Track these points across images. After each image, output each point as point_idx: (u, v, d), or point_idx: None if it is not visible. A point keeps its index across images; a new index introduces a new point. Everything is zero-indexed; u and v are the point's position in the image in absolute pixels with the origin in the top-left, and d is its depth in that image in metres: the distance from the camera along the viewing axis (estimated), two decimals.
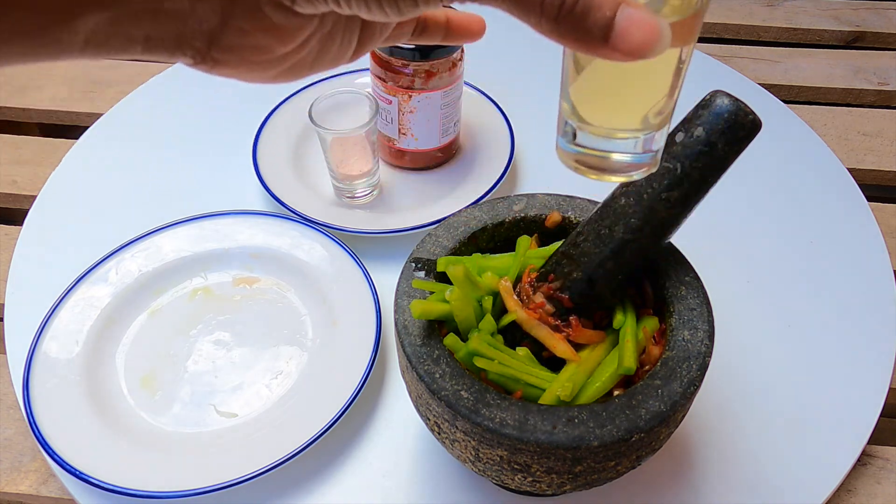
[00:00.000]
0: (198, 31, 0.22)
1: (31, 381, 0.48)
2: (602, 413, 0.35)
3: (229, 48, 0.23)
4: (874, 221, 0.64)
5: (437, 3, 0.22)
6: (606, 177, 0.29)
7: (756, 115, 0.35)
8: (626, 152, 0.28)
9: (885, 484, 0.49)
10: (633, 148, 0.28)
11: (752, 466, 0.48)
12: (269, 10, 0.22)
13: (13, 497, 0.49)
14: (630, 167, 0.28)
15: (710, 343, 0.38)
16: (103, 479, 0.43)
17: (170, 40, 0.22)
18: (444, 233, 0.44)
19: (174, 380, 0.51)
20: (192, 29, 0.22)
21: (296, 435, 0.46)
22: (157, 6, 0.21)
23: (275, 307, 0.56)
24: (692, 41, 0.25)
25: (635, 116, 0.27)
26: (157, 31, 0.22)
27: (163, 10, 0.22)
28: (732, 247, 0.62)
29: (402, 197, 0.65)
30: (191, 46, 0.23)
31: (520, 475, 0.36)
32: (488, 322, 0.39)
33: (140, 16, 0.21)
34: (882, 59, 0.88)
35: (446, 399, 0.35)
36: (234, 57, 0.24)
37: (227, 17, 0.22)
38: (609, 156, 0.28)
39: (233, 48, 0.23)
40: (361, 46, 0.27)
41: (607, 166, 0.28)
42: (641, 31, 0.21)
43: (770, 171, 0.69)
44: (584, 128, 0.28)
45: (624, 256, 0.38)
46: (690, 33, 0.25)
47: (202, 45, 0.23)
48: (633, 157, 0.28)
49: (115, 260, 0.56)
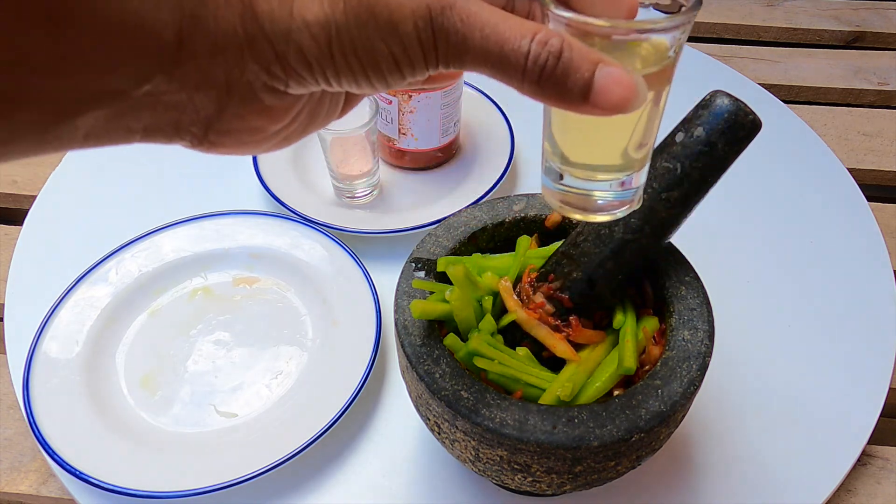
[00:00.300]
0: (195, 119, 0.23)
1: (31, 381, 0.48)
2: (602, 413, 0.35)
3: (225, 132, 0.24)
4: (874, 221, 0.64)
5: (423, 72, 0.23)
6: (590, 216, 0.30)
7: (756, 115, 0.35)
8: (608, 192, 0.29)
9: (885, 484, 0.49)
10: (615, 188, 0.29)
11: (751, 466, 0.48)
12: (264, 94, 0.23)
13: (13, 497, 0.49)
14: (613, 206, 0.29)
15: (710, 343, 0.38)
16: (103, 479, 0.43)
17: (168, 129, 0.23)
18: (444, 233, 0.44)
19: (174, 380, 0.51)
20: (189, 117, 0.23)
21: (296, 435, 0.46)
22: (156, 99, 0.22)
23: (275, 307, 0.56)
24: (667, 87, 0.26)
25: (615, 159, 0.28)
26: (155, 122, 0.23)
27: (161, 102, 0.22)
28: (732, 247, 0.62)
29: (402, 197, 0.65)
30: (188, 132, 0.24)
31: (520, 475, 0.36)
32: (488, 322, 0.39)
33: (139, 109, 0.22)
34: (882, 59, 0.88)
35: (446, 399, 0.35)
36: (229, 139, 0.25)
37: (224, 104, 0.23)
38: (592, 195, 0.29)
39: (229, 132, 0.24)
40: (348, 106, 0.29)
41: (590, 206, 0.29)
42: (619, 89, 0.22)
43: (770, 171, 0.69)
44: (567, 169, 0.29)
45: (624, 256, 0.38)
46: (665, 82, 0.26)
47: (199, 130, 0.24)
48: (615, 196, 0.29)
49: (115, 260, 0.56)
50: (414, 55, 0.23)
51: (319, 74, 0.23)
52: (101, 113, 0.21)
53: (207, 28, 0.22)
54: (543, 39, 0.22)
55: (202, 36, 0.22)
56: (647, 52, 0.25)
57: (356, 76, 0.23)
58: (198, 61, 0.22)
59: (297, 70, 0.23)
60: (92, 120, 0.22)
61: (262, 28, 0.22)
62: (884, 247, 0.62)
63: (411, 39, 0.22)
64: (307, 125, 0.27)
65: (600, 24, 0.23)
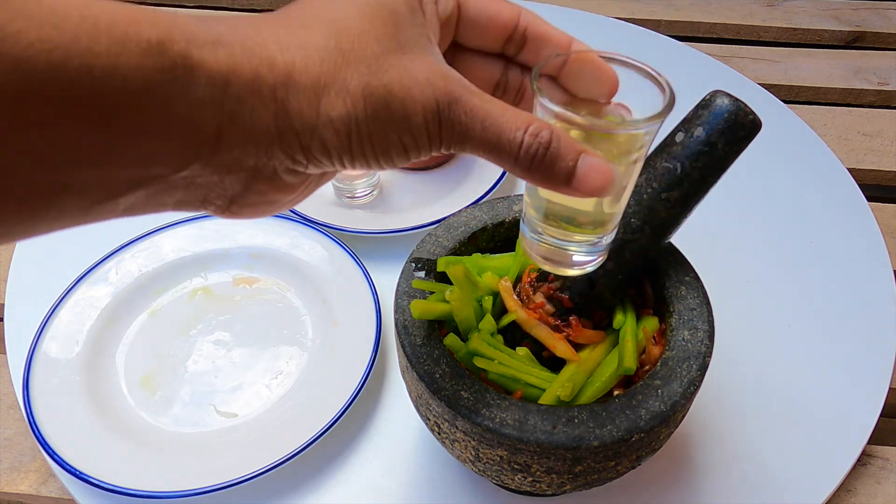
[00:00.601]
0: (221, 195, 0.26)
1: (31, 381, 0.48)
2: (602, 413, 0.35)
3: (247, 205, 0.27)
4: (874, 221, 0.64)
5: (427, 155, 0.26)
6: (564, 270, 0.33)
7: (756, 115, 0.35)
8: (582, 250, 0.33)
9: (885, 484, 0.49)
10: (589, 247, 0.33)
11: (752, 466, 0.48)
12: (285, 175, 0.26)
13: (13, 497, 0.49)
14: (586, 262, 0.33)
15: (710, 343, 0.38)
16: (103, 479, 0.43)
17: (196, 202, 0.26)
18: (444, 233, 0.44)
19: (174, 380, 0.51)
20: (216, 194, 0.26)
21: (296, 435, 0.46)
22: (190, 181, 0.24)
23: (275, 307, 0.56)
24: (640, 163, 0.30)
25: (591, 224, 0.32)
26: (186, 197, 0.25)
27: (195, 183, 0.25)
28: (732, 247, 0.62)
29: (402, 197, 0.65)
30: (213, 204, 0.26)
31: (520, 475, 0.36)
32: (488, 322, 0.39)
33: (174, 188, 0.24)
34: (882, 59, 0.88)
35: (446, 399, 0.35)
36: (249, 210, 0.27)
37: (249, 184, 0.26)
38: (567, 251, 0.33)
39: (250, 204, 0.27)
40: None
41: (565, 261, 0.33)
42: (598, 176, 0.26)
43: (770, 171, 0.69)
44: (547, 228, 0.32)
45: (624, 256, 0.38)
46: (639, 161, 0.29)
47: (224, 203, 0.26)
48: (588, 252, 0.33)
49: (115, 260, 0.56)
50: (422, 143, 0.26)
51: (337, 160, 0.26)
52: (141, 193, 0.24)
53: (244, 124, 0.24)
54: (535, 132, 0.25)
55: (238, 131, 0.24)
56: (625, 139, 0.28)
57: (368, 160, 0.26)
58: (232, 152, 0.24)
59: (317, 158, 0.26)
60: (133, 199, 0.24)
61: (291, 124, 0.24)
62: (884, 247, 0.62)
63: (420, 130, 0.25)
64: (314, 189, 0.30)
65: (582, 121, 0.27)
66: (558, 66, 0.30)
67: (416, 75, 0.25)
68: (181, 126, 0.23)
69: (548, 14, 0.90)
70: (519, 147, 0.25)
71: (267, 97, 0.24)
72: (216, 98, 0.23)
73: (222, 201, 0.26)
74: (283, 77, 0.24)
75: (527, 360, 0.38)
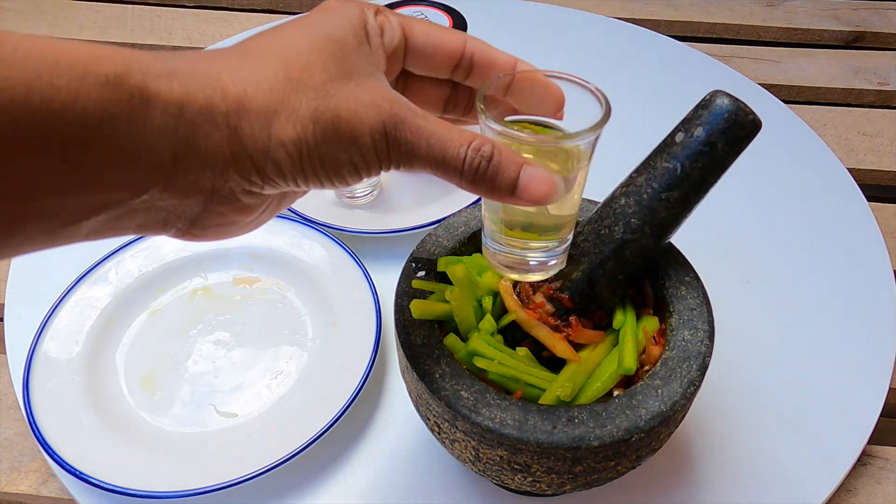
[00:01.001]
0: (182, 217, 0.27)
1: (31, 381, 0.48)
2: (602, 413, 0.35)
3: (207, 227, 0.28)
4: (874, 221, 0.64)
5: (377, 173, 0.28)
6: (528, 276, 0.36)
7: (756, 115, 0.35)
8: (542, 256, 0.35)
9: (885, 484, 0.49)
10: (547, 252, 0.35)
11: (751, 466, 0.48)
12: (242, 196, 0.28)
13: (13, 497, 0.49)
14: (544, 267, 0.35)
15: (710, 343, 0.38)
16: (103, 479, 0.43)
17: (158, 226, 0.27)
18: (444, 233, 0.44)
19: (174, 380, 0.51)
20: (176, 216, 0.27)
21: (296, 435, 0.46)
22: (150, 205, 0.26)
23: (275, 307, 0.56)
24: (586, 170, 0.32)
25: (546, 231, 0.34)
26: (147, 221, 0.27)
27: (155, 207, 0.26)
28: (732, 247, 0.62)
29: (402, 197, 0.65)
30: (174, 227, 0.28)
31: (520, 475, 0.36)
32: (488, 322, 0.39)
33: (136, 212, 0.26)
34: (882, 59, 0.88)
35: (446, 399, 0.35)
36: (210, 232, 0.29)
37: (208, 206, 0.27)
38: (525, 258, 0.35)
39: (210, 226, 0.28)
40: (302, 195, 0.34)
41: (525, 267, 0.35)
42: (541, 185, 0.28)
43: (770, 171, 0.69)
44: (505, 239, 0.34)
45: (624, 256, 0.38)
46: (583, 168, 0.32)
47: (184, 226, 0.28)
48: (546, 257, 0.35)
49: (115, 260, 0.56)
50: (371, 161, 0.28)
51: (291, 180, 0.27)
52: (102, 217, 0.25)
53: (199, 148, 0.25)
54: (477, 147, 0.27)
55: (194, 155, 0.25)
56: (567, 151, 0.30)
57: (321, 179, 0.28)
58: (189, 175, 0.26)
59: (273, 179, 0.27)
60: (95, 223, 0.25)
61: (244, 147, 0.26)
62: (884, 247, 0.62)
63: (368, 150, 0.27)
64: (274, 211, 0.32)
65: (521, 136, 0.29)
66: (504, 87, 0.32)
67: (363, 99, 0.27)
68: (139, 153, 0.24)
69: (548, 14, 0.90)
70: (463, 162, 0.27)
71: (220, 123, 0.25)
72: (171, 125, 0.24)
73: (183, 223, 0.28)
74: (235, 104, 0.25)
75: (527, 360, 0.38)
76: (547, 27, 0.87)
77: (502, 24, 0.87)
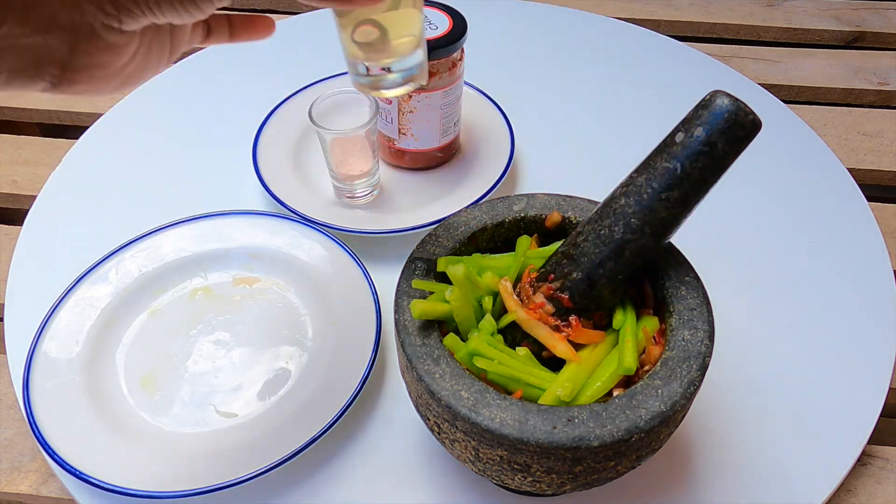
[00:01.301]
0: (52, 60, 0.29)
1: (31, 381, 0.48)
2: (602, 413, 0.35)
3: (79, 69, 0.30)
4: (874, 221, 0.64)
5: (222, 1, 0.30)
6: (394, 91, 0.39)
7: (756, 115, 0.35)
8: (402, 69, 0.38)
9: (885, 484, 0.49)
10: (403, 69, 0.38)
11: (751, 466, 0.48)
12: (103, 32, 0.29)
13: (13, 497, 0.49)
14: (407, 80, 0.38)
15: (710, 343, 0.38)
16: (103, 479, 0.43)
17: (30, 69, 0.29)
18: (444, 233, 0.44)
19: (174, 380, 0.51)
20: (47, 59, 0.29)
21: (296, 435, 0.46)
22: (15, 42, 0.27)
23: (275, 307, 0.56)
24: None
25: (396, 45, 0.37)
26: (18, 64, 0.28)
27: (20, 45, 0.28)
28: (732, 247, 0.62)
29: (402, 197, 0.65)
30: (48, 73, 0.29)
31: (520, 475, 0.36)
32: (488, 322, 0.39)
33: (2, 52, 0.27)
34: (882, 59, 0.88)
35: (446, 399, 0.35)
36: (83, 75, 0.30)
37: (73, 44, 0.29)
38: (388, 77, 0.38)
39: (82, 68, 0.30)
40: (174, 51, 0.35)
41: (391, 84, 0.38)
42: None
43: (770, 171, 0.69)
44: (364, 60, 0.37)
45: (624, 256, 0.38)
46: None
47: (58, 70, 0.29)
48: (402, 76, 0.38)
49: (115, 260, 0.56)
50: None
51: (144, 6, 0.29)
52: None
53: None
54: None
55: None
56: None
57: (173, 3, 0.29)
58: (42, 8, 0.27)
59: (125, 6, 0.29)
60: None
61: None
62: (884, 247, 0.62)
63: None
64: (145, 64, 0.33)
65: None
66: None
67: None
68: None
69: (548, 14, 0.90)
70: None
71: None
72: None
73: (55, 69, 0.29)
74: None
75: (527, 360, 0.38)
76: (547, 27, 0.87)
77: (502, 24, 0.87)
